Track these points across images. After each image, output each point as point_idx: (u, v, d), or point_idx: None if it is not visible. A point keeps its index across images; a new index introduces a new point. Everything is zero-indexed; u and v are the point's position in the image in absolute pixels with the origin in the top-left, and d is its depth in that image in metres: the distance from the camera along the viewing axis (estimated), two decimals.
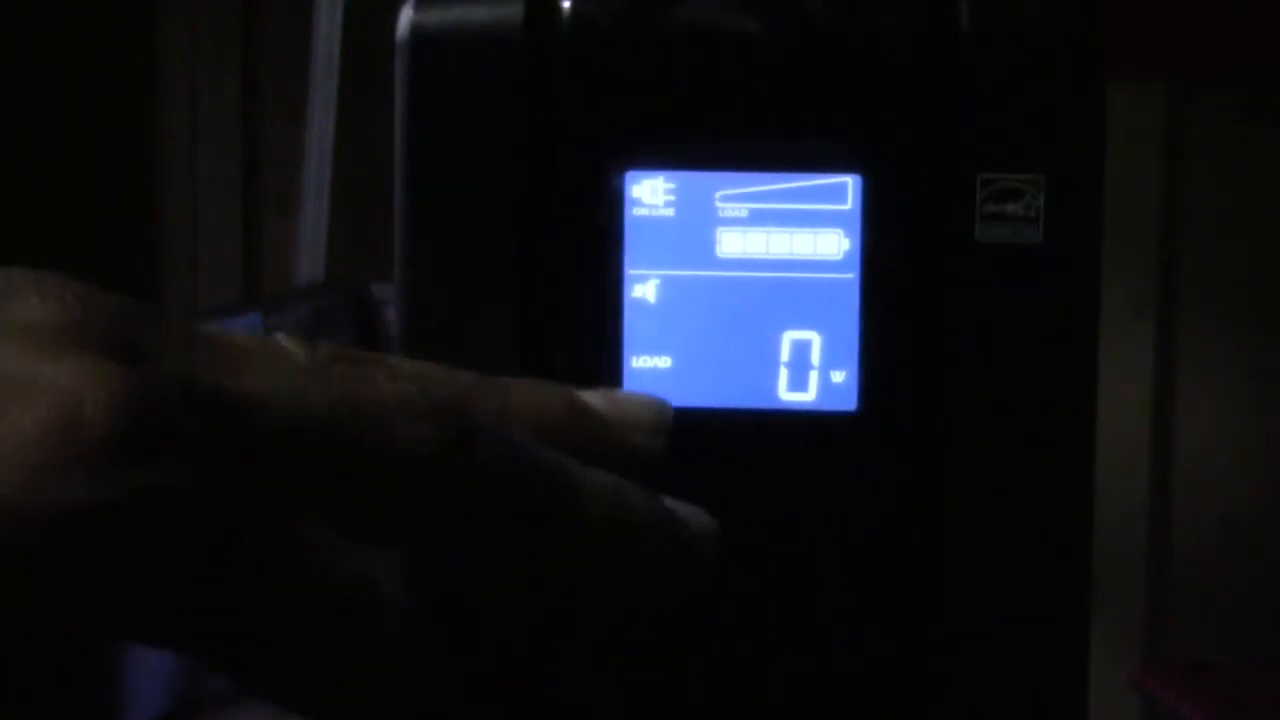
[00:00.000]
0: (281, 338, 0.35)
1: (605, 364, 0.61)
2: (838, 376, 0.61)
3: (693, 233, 0.61)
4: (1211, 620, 1.90)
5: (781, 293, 0.61)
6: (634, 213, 0.60)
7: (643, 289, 0.61)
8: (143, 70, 1.99)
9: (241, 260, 2.01)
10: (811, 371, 0.61)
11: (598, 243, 0.60)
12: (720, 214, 0.60)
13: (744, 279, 0.61)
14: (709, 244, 0.61)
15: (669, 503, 0.43)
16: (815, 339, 0.60)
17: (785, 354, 0.60)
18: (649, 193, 0.60)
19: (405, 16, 0.57)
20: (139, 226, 1.99)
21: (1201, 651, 1.90)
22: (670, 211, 0.60)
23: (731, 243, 0.60)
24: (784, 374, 0.61)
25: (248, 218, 2.01)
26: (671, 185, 0.60)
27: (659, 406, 0.47)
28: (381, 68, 0.59)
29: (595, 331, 0.61)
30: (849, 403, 0.61)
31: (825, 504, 0.61)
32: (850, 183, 0.59)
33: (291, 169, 1.77)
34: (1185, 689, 1.73)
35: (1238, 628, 1.89)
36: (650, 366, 0.61)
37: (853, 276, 0.60)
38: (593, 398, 0.45)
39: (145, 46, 1.99)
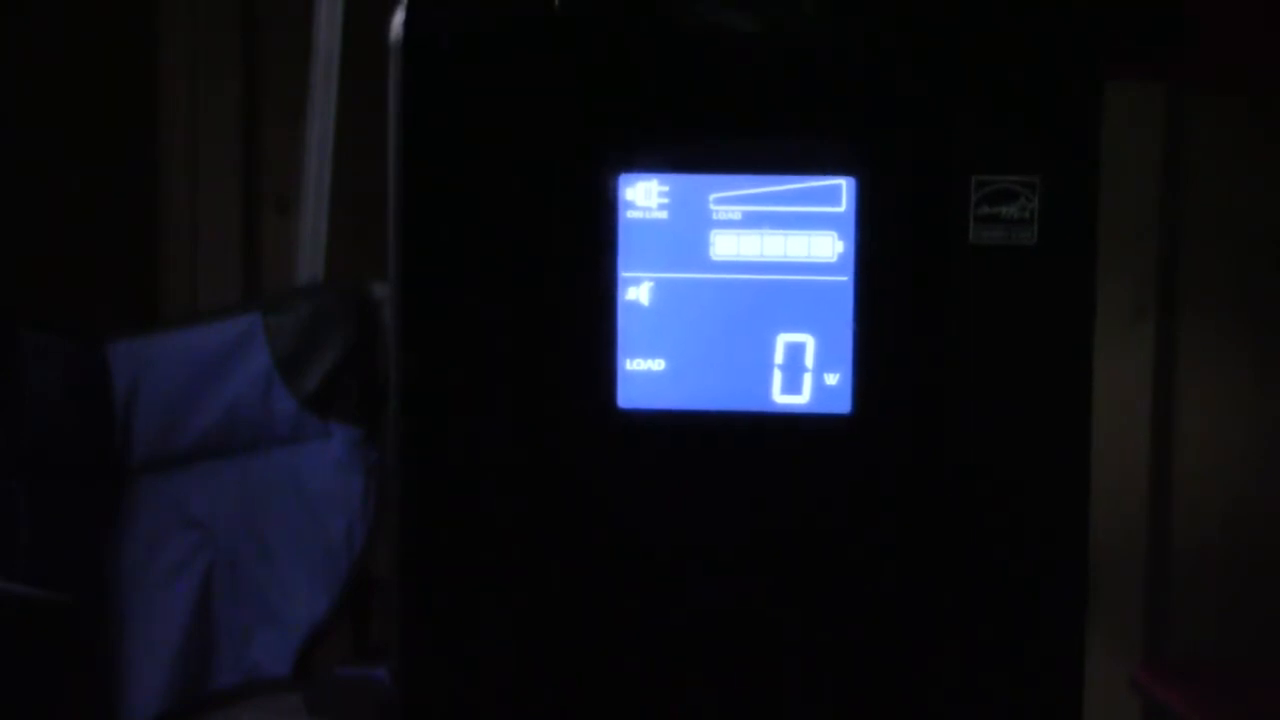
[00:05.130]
0: None
1: (599, 366, 0.61)
2: (832, 379, 0.61)
3: (686, 235, 0.61)
4: (1211, 620, 1.90)
5: (776, 295, 0.61)
6: (627, 215, 0.60)
7: (636, 291, 0.61)
8: (143, 70, 1.99)
9: (241, 260, 2.01)
10: (805, 374, 0.61)
11: (591, 245, 0.60)
12: (714, 216, 0.60)
13: (738, 281, 0.61)
14: (703, 246, 0.61)
15: None
16: (809, 341, 0.60)
17: (779, 356, 0.61)
18: (642, 195, 0.60)
19: (398, 18, 0.57)
20: (139, 226, 2.00)
21: (1201, 651, 1.90)
22: (664, 214, 0.60)
23: (725, 245, 0.60)
24: (778, 376, 0.61)
25: (248, 218, 2.01)
26: (665, 188, 0.60)
27: None
28: (381, 68, 0.59)
29: (589, 334, 0.61)
30: (843, 405, 0.61)
31: (820, 507, 0.61)
32: (845, 185, 0.59)
33: (291, 169, 1.77)
34: (1185, 689, 1.72)
35: (1238, 628, 1.89)
36: (644, 369, 0.61)
37: (847, 279, 0.61)
38: None
39: (145, 46, 1.99)
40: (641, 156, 0.58)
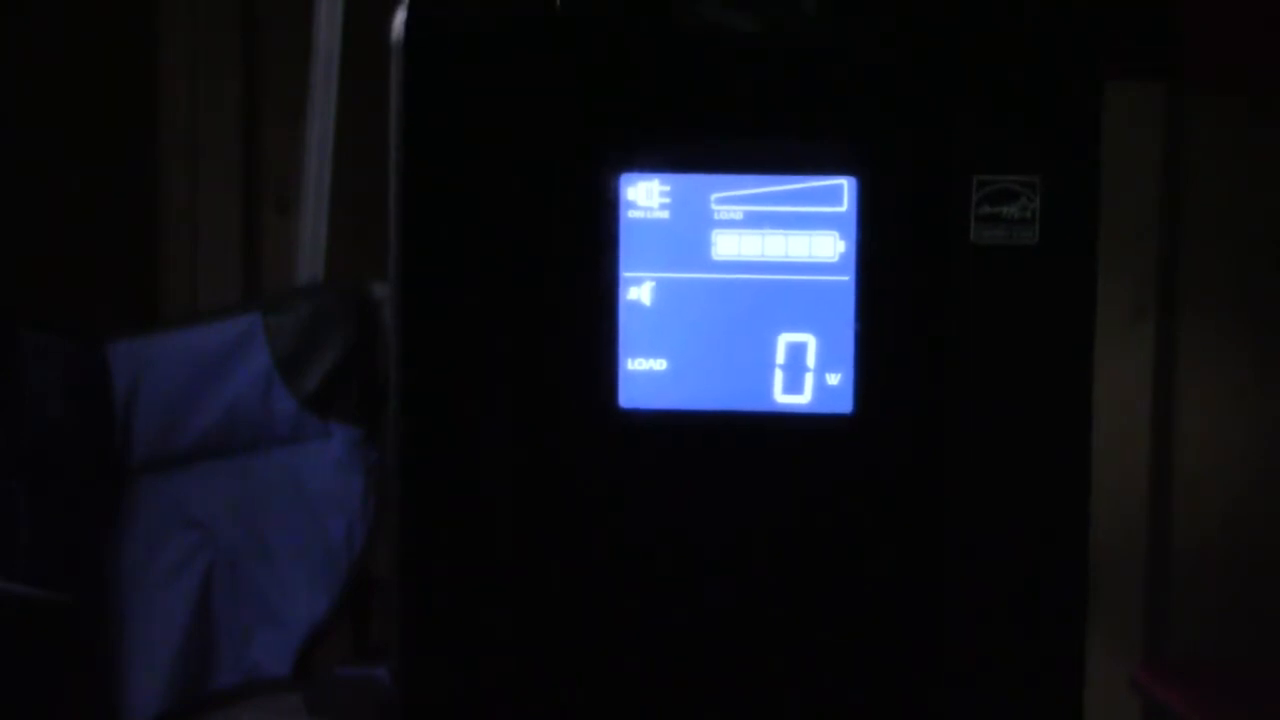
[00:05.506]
0: None
1: (601, 366, 0.62)
2: (833, 379, 0.61)
3: (688, 235, 0.61)
4: (1211, 620, 1.90)
5: (777, 295, 0.61)
6: (629, 215, 0.60)
7: (638, 291, 0.61)
8: (143, 70, 2.00)
9: (241, 260, 2.01)
10: (807, 374, 0.61)
11: (592, 245, 0.61)
12: (715, 216, 0.60)
13: (739, 281, 0.61)
14: (704, 246, 0.61)
15: None
16: (811, 341, 0.60)
17: (781, 356, 0.61)
18: (644, 195, 0.60)
19: (399, 18, 0.57)
20: (139, 226, 2.00)
21: (1201, 651, 1.90)
22: (665, 214, 0.60)
23: (727, 245, 0.60)
24: (779, 376, 0.61)
25: (248, 218, 2.01)
26: (666, 188, 0.60)
27: None
28: (381, 68, 0.59)
29: (590, 334, 0.61)
30: (845, 405, 0.61)
31: (821, 507, 0.62)
32: (846, 184, 0.59)
33: (291, 169, 1.77)
34: (1185, 689, 1.72)
35: (1238, 628, 1.89)
36: (646, 369, 0.61)
37: (848, 279, 0.61)
38: None
39: (145, 46, 2.00)
40: (642, 156, 0.58)
